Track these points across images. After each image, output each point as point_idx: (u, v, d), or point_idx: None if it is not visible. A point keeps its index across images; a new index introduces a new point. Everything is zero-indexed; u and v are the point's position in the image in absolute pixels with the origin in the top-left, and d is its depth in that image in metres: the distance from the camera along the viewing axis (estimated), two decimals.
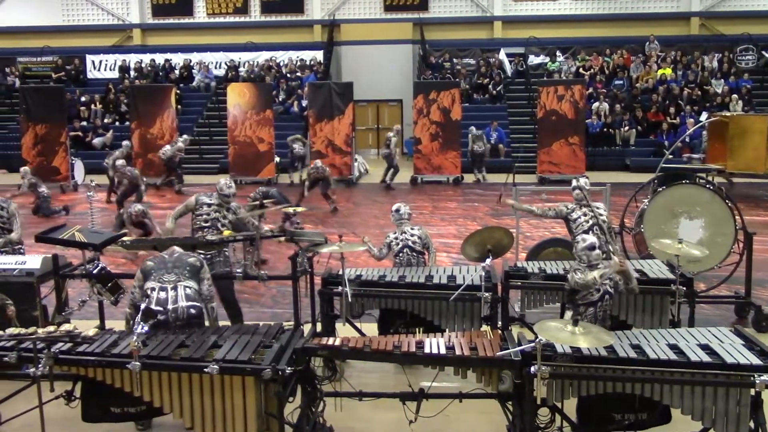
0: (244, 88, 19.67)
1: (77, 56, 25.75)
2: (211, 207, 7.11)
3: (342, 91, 19.07)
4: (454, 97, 18.83)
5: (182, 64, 25.13)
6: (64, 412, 5.32)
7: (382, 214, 14.36)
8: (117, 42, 26.78)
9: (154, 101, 19.27)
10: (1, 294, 6.22)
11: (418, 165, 18.93)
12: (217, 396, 4.57)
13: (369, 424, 5.59)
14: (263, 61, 24.95)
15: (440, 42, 25.37)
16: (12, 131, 21.92)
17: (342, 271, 6.06)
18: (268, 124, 19.00)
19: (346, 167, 18.90)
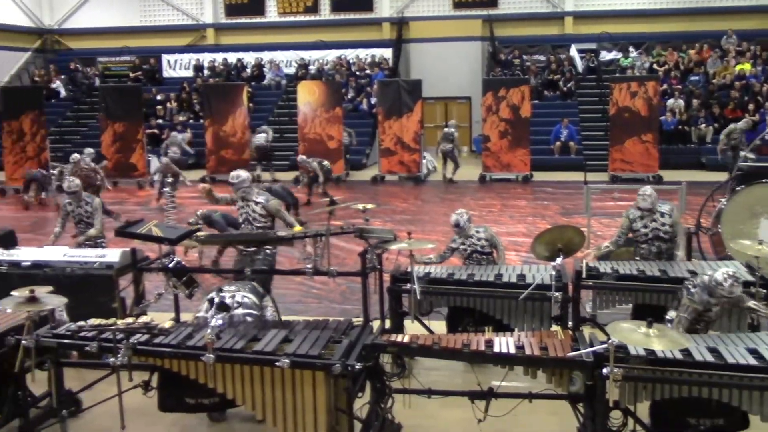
0: (314, 86, 19.89)
1: (154, 56, 26.50)
2: (245, 201, 7.29)
3: (411, 89, 19.08)
4: (524, 94, 18.62)
5: (254, 62, 25.57)
6: (142, 401, 5.49)
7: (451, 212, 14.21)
8: (191, 41, 27.42)
9: (227, 99, 19.66)
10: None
11: (486, 163, 18.79)
12: (288, 390, 4.64)
13: (437, 421, 5.60)
14: (333, 59, 25.17)
15: (510, 38, 25.10)
16: (92, 129, 22.69)
17: (411, 268, 6.08)
18: (337, 121, 19.16)
19: (414, 164, 18.91)
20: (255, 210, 7.22)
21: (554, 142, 20.59)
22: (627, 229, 6.99)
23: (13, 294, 5.03)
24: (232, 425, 5.65)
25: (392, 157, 19.00)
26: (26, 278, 6.54)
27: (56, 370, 5.26)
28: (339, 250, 10.04)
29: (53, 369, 5.24)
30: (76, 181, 8.27)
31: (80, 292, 6.33)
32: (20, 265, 6.92)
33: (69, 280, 6.63)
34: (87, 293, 6.52)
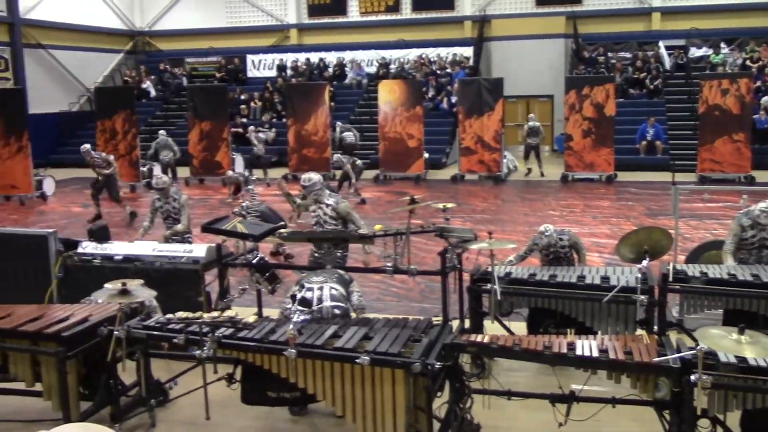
0: (395, 85, 19.95)
1: (238, 56, 27.12)
2: (316, 204, 7.37)
3: (492, 87, 18.91)
4: (609, 92, 18.20)
5: (336, 62, 25.85)
6: (226, 394, 5.63)
7: (532, 212, 14.15)
8: (275, 42, 27.93)
9: (309, 98, 19.93)
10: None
11: (569, 162, 18.46)
12: (368, 387, 4.67)
13: (516, 423, 5.54)
14: (414, 57, 25.20)
15: (594, 35, 24.60)
16: (180, 128, 23.38)
17: (491, 268, 6.03)
18: (417, 120, 19.17)
19: (494, 164, 18.74)
20: (326, 212, 7.29)
21: (640, 142, 20.05)
22: (739, 235, 6.70)
23: (106, 286, 5.24)
24: (312, 420, 5.73)
25: (472, 156, 18.88)
26: (118, 271, 6.81)
27: (145, 360, 5.46)
28: (418, 248, 10.05)
29: (142, 359, 5.43)
30: (164, 179, 8.55)
31: (168, 286, 6.53)
32: (112, 259, 7.19)
33: (158, 273, 6.85)
34: (174, 287, 6.72)
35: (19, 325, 5.42)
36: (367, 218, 11.64)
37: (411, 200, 7.01)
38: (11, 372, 5.58)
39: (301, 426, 5.65)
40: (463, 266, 6.89)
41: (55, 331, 5.29)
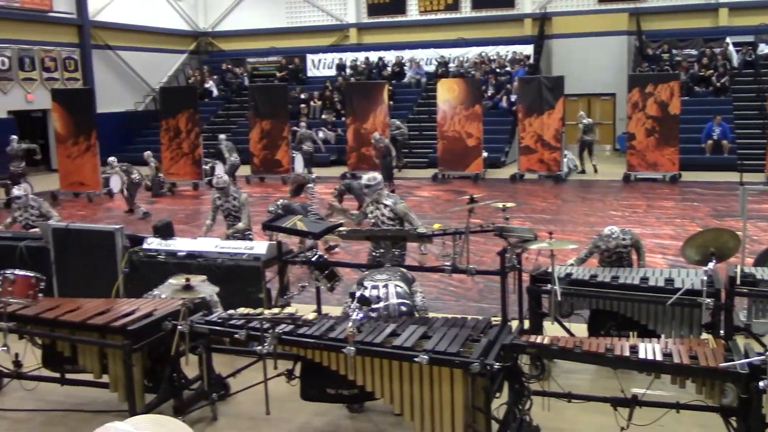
0: (454, 83, 19.87)
1: (298, 56, 27.40)
2: (373, 205, 7.36)
3: (552, 86, 18.67)
4: (673, 90, 17.77)
5: (395, 61, 25.88)
6: (285, 389, 5.70)
7: (592, 212, 13.94)
8: (335, 41, 28.12)
9: (368, 97, 20.01)
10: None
11: (631, 161, 18.11)
12: (426, 386, 4.67)
13: (577, 426, 5.46)
14: (473, 56, 25.06)
15: (658, 32, 24.05)
16: (241, 126, 23.76)
17: (551, 268, 5.96)
18: (476, 119, 19.06)
19: (554, 163, 18.51)
20: (384, 213, 7.30)
21: (705, 141, 19.53)
22: None
23: (170, 281, 5.36)
24: (370, 417, 5.76)
25: (532, 156, 18.69)
26: (181, 267, 6.95)
27: (207, 355, 5.56)
28: (477, 248, 10.00)
29: (204, 354, 5.54)
30: (225, 178, 8.70)
31: (229, 282, 6.64)
32: (176, 255, 7.35)
33: (220, 270, 6.98)
34: (236, 283, 6.83)
35: (88, 318, 5.60)
36: (425, 217, 11.65)
37: (470, 199, 6.97)
38: (80, 363, 5.77)
39: (359, 423, 5.68)
40: (522, 266, 6.82)
41: (121, 324, 5.44)
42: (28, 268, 6.57)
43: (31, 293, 5.90)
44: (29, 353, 6.07)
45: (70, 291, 6.67)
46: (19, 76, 22.52)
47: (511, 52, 24.79)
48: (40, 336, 5.93)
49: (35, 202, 8.83)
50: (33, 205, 8.76)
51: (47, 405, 6.10)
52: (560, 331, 6.29)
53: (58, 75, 23.79)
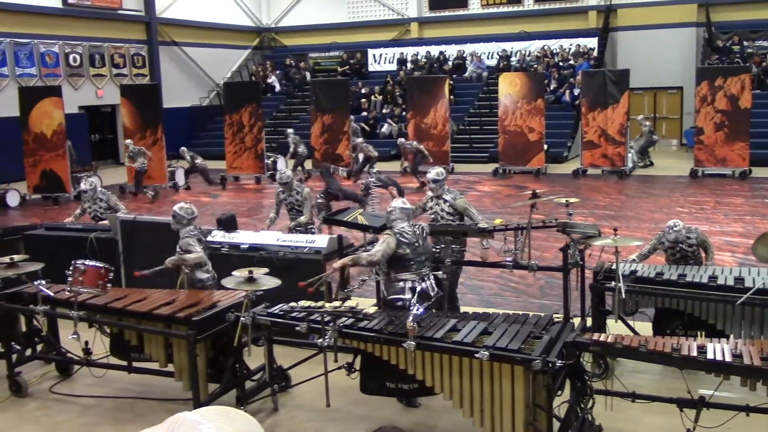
0: (516, 77, 19.66)
1: (360, 50, 27.49)
2: (433, 200, 7.30)
3: (617, 79, 18.30)
4: (744, 83, 17.21)
5: (456, 55, 25.73)
6: (345, 382, 5.74)
7: (658, 208, 13.62)
8: (396, 36, 28.13)
9: (429, 92, 19.95)
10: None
11: (699, 156, 17.62)
12: (486, 382, 4.64)
13: (640, 426, 5.35)
14: (535, 50, 24.74)
15: (728, 23, 23.33)
16: (303, 121, 23.98)
17: (616, 265, 5.85)
18: (539, 113, 18.82)
19: (618, 158, 18.14)
20: (444, 208, 7.25)
21: None
22: None
23: (234, 274, 5.44)
24: (428, 411, 5.74)
25: (595, 150, 18.36)
26: (244, 259, 7.05)
27: (269, 346, 5.64)
28: (538, 243, 9.88)
29: (266, 345, 5.61)
30: (287, 173, 8.78)
31: (291, 275, 6.70)
32: (239, 248, 7.46)
33: (281, 262, 7.04)
34: (297, 276, 6.87)
35: (154, 308, 5.73)
36: (486, 212, 11.56)
37: (533, 194, 6.89)
38: (146, 352, 5.92)
39: (416, 417, 5.68)
40: (585, 263, 6.71)
41: (186, 315, 5.55)
42: (98, 258, 6.77)
43: (101, 283, 6.07)
44: (98, 341, 6.25)
45: (137, 281, 6.83)
46: (90, 72, 23.19)
47: (574, 46, 24.38)
48: (108, 325, 6.10)
49: (103, 195, 9.09)
50: (101, 198, 9.02)
51: (115, 392, 6.28)
52: (624, 330, 6.16)
53: (127, 71, 24.41)
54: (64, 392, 6.32)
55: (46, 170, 16.98)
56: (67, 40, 22.38)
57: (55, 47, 22.08)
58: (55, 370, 6.72)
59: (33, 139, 16.99)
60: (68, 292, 5.99)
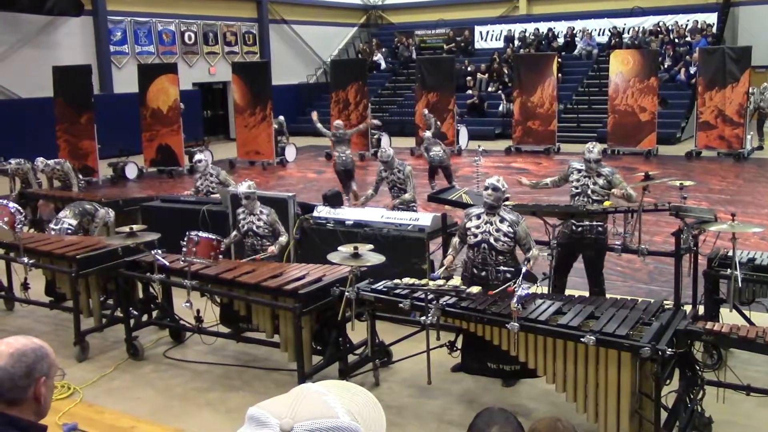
0: (628, 55, 18.96)
1: (467, 28, 27.18)
2: (581, 173, 6.98)
3: (738, 57, 17.35)
4: None
5: (565, 31, 25.07)
6: (446, 361, 5.77)
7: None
8: (504, 13, 27.64)
9: (536, 70, 19.52)
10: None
11: None
12: (591, 367, 4.55)
13: (753, 421, 5.13)
14: (649, 26, 23.78)
15: None
16: (408, 99, 24.00)
17: (733, 252, 5.59)
18: (651, 92, 18.12)
19: (736, 140, 17.27)
20: (597, 182, 6.84)
21: None
22: None
23: (339, 249, 5.53)
24: (527, 392, 5.69)
25: (711, 132, 17.54)
26: (348, 235, 7.16)
27: (372, 321, 5.71)
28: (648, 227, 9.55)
29: (370, 320, 5.69)
30: (389, 151, 8.80)
31: (394, 252, 6.74)
32: (344, 224, 7.56)
33: (385, 239, 7.10)
34: (400, 253, 6.93)
35: (262, 280, 5.90)
36: None
37: (645, 176, 6.66)
38: (254, 323, 6.11)
39: (515, 398, 5.63)
40: (699, 248, 6.45)
41: (292, 288, 5.69)
42: (210, 230, 7.03)
43: (213, 254, 6.30)
44: (209, 310, 6.51)
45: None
46: (204, 50, 23.94)
47: (691, 21, 23.28)
48: (219, 295, 6.33)
49: (214, 170, 9.35)
50: (212, 173, 9.29)
51: (224, 359, 6.53)
52: (739, 320, 5.88)
53: (238, 49, 25.07)
54: (177, 357, 6.63)
55: (162, 144, 17.71)
56: (182, 18, 23.16)
57: (172, 26, 22.91)
58: (168, 336, 7.05)
59: (150, 114, 17.73)
60: (182, 262, 6.24)
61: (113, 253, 6.81)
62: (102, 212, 8.70)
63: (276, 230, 6.83)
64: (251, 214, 6.85)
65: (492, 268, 5.70)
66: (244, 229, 6.88)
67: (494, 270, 5.69)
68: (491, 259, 5.70)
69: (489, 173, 12.36)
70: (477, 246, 5.74)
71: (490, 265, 5.71)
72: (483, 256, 5.73)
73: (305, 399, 1.34)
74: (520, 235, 5.65)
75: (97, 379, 6.18)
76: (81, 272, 6.66)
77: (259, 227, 6.81)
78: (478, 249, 5.74)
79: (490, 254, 5.69)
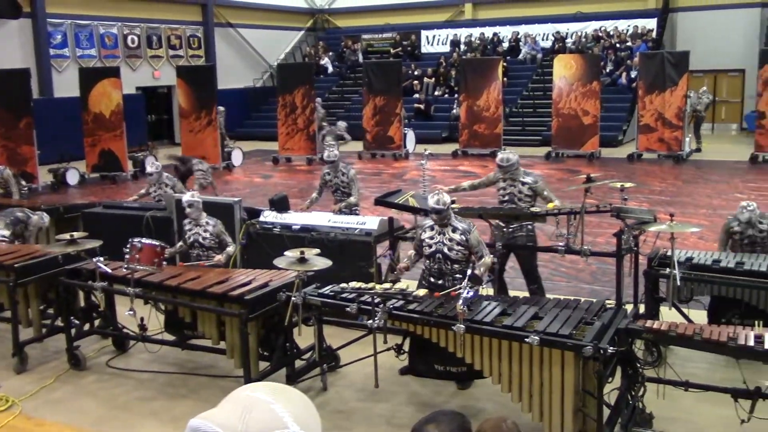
0: (571, 59, 19.31)
1: (413, 32, 27.32)
2: (507, 181, 7.14)
3: (676, 61, 17.81)
4: None
5: (510, 36, 25.40)
6: (394, 364, 5.78)
7: (716, 194, 13.31)
8: (450, 17, 27.86)
9: (482, 74, 19.73)
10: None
11: (760, 142, 17.08)
12: (536, 367, 4.62)
13: (693, 416, 5.26)
14: (591, 31, 24.25)
15: None
16: (355, 103, 23.99)
17: (671, 252, 5.74)
18: (594, 96, 18.48)
19: (675, 142, 17.72)
20: (522, 191, 7.10)
21: None
22: None
23: (286, 254, 5.50)
24: (476, 393, 5.74)
25: (651, 134, 17.96)
26: (295, 240, 7.12)
27: (319, 326, 5.69)
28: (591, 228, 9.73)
29: (317, 325, 5.67)
30: (335, 152, 8.77)
31: (341, 256, 6.74)
32: (291, 228, 7.53)
33: (332, 244, 7.09)
34: (347, 257, 6.93)
35: (207, 287, 5.83)
36: None
37: (587, 178, 6.78)
38: (199, 329, 6.03)
39: (464, 400, 5.68)
40: (639, 249, 6.60)
41: (239, 293, 5.64)
42: (154, 237, 6.92)
43: (156, 261, 6.20)
44: (153, 318, 6.40)
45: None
46: (147, 53, 23.56)
47: (632, 27, 23.82)
48: (163, 302, 6.24)
49: (170, 180, 9.15)
50: (167, 183, 9.08)
51: (168, 367, 6.44)
52: (678, 318, 6.04)
53: (183, 52, 24.73)
54: (120, 366, 6.50)
55: (105, 150, 17.36)
56: (125, 21, 22.76)
57: (114, 29, 22.48)
58: (111, 345, 6.91)
59: (92, 119, 17.37)
60: (125, 269, 6.14)
61: (53, 261, 6.66)
62: (35, 218, 8.44)
63: (223, 241, 6.76)
64: (197, 225, 6.77)
65: (449, 277, 5.78)
66: (191, 241, 6.79)
67: (451, 278, 5.76)
68: (447, 267, 5.75)
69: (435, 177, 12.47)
70: (432, 256, 5.81)
71: (446, 274, 5.78)
72: (439, 265, 5.79)
73: (254, 410, 1.31)
74: (473, 243, 5.71)
75: (36, 390, 6.03)
76: (19, 281, 6.49)
77: (206, 239, 6.73)
78: (434, 259, 5.80)
79: (445, 263, 5.75)
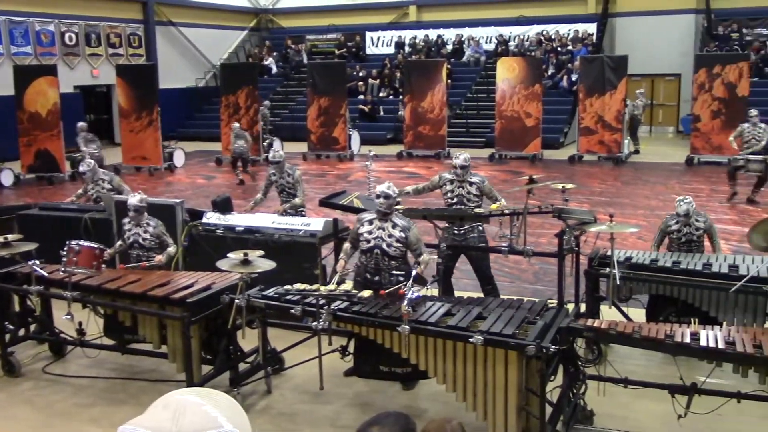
0: (514, 62, 19.58)
1: (358, 33, 27.33)
2: (454, 183, 7.17)
3: (615, 65, 18.23)
4: (742, 71, 17.18)
5: (454, 39, 25.61)
6: (339, 365, 5.76)
7: (653, 195, 13.64)
8: (394, 19, 27.95)
9: (427, 75, 19.85)
10: None
11: (695, 144, 17.61)
12: (480, 366, 4.65)
13: (632, 412, 5.38)
14: (534, 34, 24.63)
15: (728, 11, 23.20)
16: (299, 103, 23.88)
17: (611, 252, 5.85)
18: (536, 98, 18.77)
19: (615, 144, 18.12)
20: (470, 191, 7.16)
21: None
22: None
23: (229, 256, 5.43)
24: (421, 394, 5.76)
25: (592, 137, 18.34)
26: (239, 242, 7.03)
27: (263, 328, 5.63)
28: (533, 229, 9.87)
29: (261, 327, 5.61)
30: (281, 152, 8.70)
31: (286, 258, 6.68)
32: (234, 230, 7.43)
33: (276, 245, 7.01)
34: (292, 259, 6.87)
35: (148, 289, 5.72)
36: None
37: (530, 180, 6.88)
38: (140, 333, 5.91)
39: (410, 401, 5.69)
40: (580, 249, 6.71)
41: (181, 296, 5.55)
42: (92, 239, 6.75)
43: (95, 264, 6.06)
44: (92, 322, 6.25)
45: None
46: (86, 51, 23.02)
47: (572, 31, 24.28)
48: (102, 305, 6.10)
49: (106, 175, 8.88)
50: (104, 178, 8.82)
51: (108, 372, 6.29)
52: (617, 316, 6.18)
53: (123, 51, 24.23)
54: (57, 372, 6.33)
55: (41, 150, 16.89)
56: (63, 18, 22.19)
57: (51, 26, 21.90)
58: (48, 351, 6.72)
59: (28, 118, 16.88)
60: (62, 273, 5.98)
61: None
62: None
63: (163, 242, 6.64)
64: (138, 225, 6.63)
65: (385, 273, 5.75)
66: (130, 241, 6.64)
67: (387, 274, 5.74)
68: (384, 264, 5.74)
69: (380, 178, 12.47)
70: (370, 251, 5.77)
71: (383, 270, 5.76)
72: (376, 261, 5.76)
73: (186, 411, 1.30)
74: (412, 240, 5.71)
75: None
76: None
77: (146, 239, 6.59)
78: (371, 254, 5.77)
79: (383, 259, 5.74)
